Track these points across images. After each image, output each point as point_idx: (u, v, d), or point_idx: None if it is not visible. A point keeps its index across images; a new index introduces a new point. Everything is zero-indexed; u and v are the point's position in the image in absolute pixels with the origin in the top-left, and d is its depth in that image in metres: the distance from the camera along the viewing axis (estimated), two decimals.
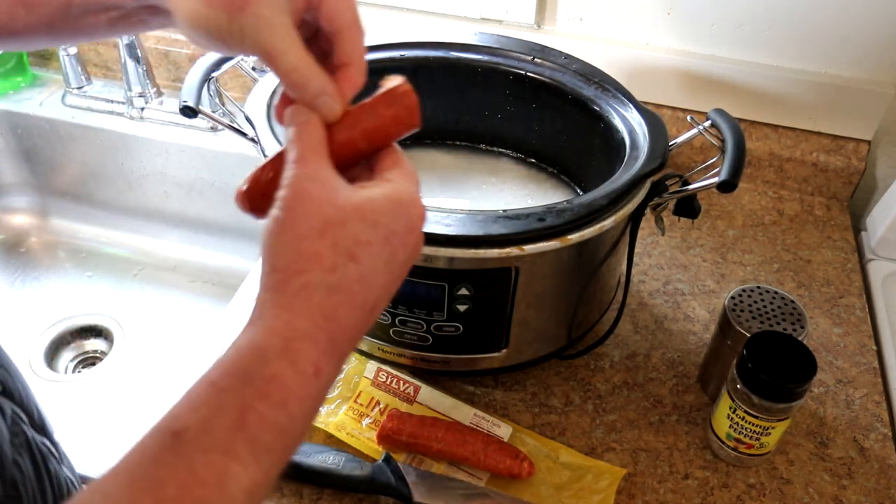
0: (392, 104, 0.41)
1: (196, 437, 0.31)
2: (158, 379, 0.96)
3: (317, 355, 0.34)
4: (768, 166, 0.98)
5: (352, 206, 0.37)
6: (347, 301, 0.36)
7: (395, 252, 0.37)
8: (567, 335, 0.72)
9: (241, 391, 0.32)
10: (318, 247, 0.35)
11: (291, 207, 0.36)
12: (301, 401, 0.34)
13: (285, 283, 0.35)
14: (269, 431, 0.32)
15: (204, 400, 0.33)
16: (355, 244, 0.36)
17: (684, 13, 0.92)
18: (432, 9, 1.00)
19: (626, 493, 0.66)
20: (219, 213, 1.11)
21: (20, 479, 0.41)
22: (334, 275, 0.35)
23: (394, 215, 0.38)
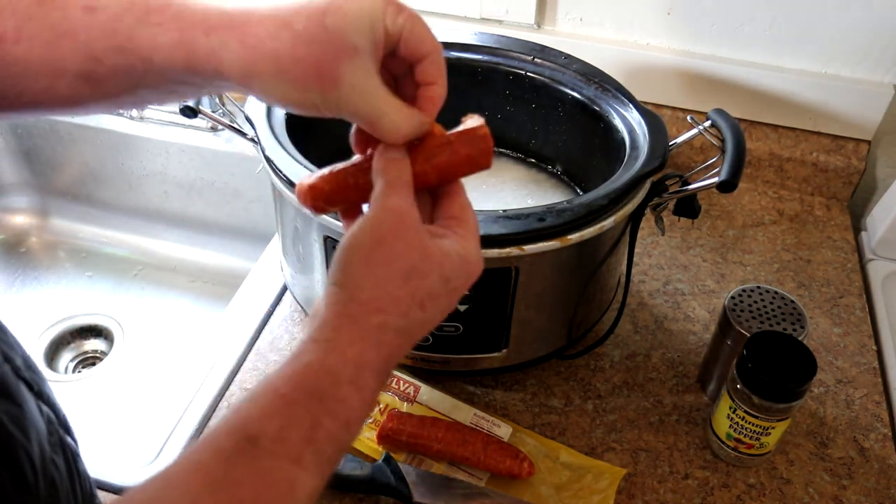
0: (469, 144, 0.44)
1: (271, 445, 0.34)
2: (158, 379, 0.96)
3: (375, 385, 0.38)
4: (768, 166, 0.98)
5: (436, 259, 0.40)
6: (408, 343, 0.40)
7: (451, 302, 0.41)
8: (567, 335, 0.72)
9: (312, 406, 0.36)
10: (400, 292, 0.39)
11: (386, 243, 0.39)
12: (358, 422, 0.38)
13: (365, 316, 0.38)
14: (332, 446, 0.36)
15: (276, 410, 0.35)
16: (429, 296, 0.39)
17: (684, 13, 0.92)
18: (432, 9, 1.00)
19: (626, 493, 0.66)
20: (219, 213, 1.11)
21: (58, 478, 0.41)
22: (405, 319, 0.39)
23: (461, 273, 0.41)
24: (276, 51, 0.38)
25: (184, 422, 0.69)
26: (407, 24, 0.41)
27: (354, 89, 0.39)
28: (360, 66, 0.39)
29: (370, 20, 0.39)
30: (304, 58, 0.38)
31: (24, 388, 0.41)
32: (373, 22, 0.39)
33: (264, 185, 1.03)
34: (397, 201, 0.40)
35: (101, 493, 0.62)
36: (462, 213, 0.43)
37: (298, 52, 0.38)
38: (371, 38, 0.39)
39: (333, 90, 0.38)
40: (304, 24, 0.38)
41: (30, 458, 0.38)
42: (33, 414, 0.41)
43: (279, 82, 0.38)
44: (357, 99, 0.39)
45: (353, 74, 0.38)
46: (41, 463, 0.39)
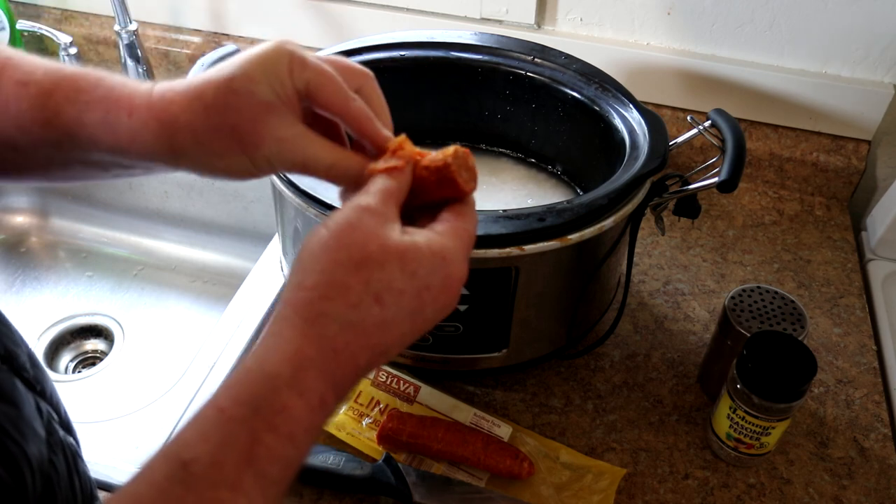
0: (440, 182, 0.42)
1: (205, 471, 0.31)
2: (158, 379, 0.96)
3: (323, 387, 0.34)
4: (768, 166, 0.98)
5: (397, 250, 0.36)
6: (360, 341, 0.35)
7: (423, 306, 0.37)
8: (567, 335, 0.72)
9: (251, 422, 0.32)
10: (349, 279, 0.35)
11: (339, 231, 0.37)
12: (306, 433, 0.34)
13: (307, 305, 0.35)
14: (277, 465, 0.33)
15: (213, 429, 0.32)
16: (387, 289, 0.36)
17: (684, 13, 0.92)
18: (432, 9, 1.00)
19: (626, 493, 0.66)
20: (219, 213, 1.11)
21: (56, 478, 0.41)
22: (355, 312, 0.35)
23: (433, 270, 0.37)
24: (191, 124, 0.38)
25: (184, 422, 0.68)
26: (312, 80, 0.40)
27: (280, 143, 0.39)
28: (278, 119, 0.39)
29: (275, 77, 0.39)
30: (219, 126, 0.38)
31: (22, 387, 0.41)
32: (278, 77, 0.39)
33: (264, 185, 1.03)
34: (366, 199, 0.38)
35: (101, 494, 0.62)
36: (455, 215, 0.41)
37: (212, 121, 0.38)
38: (280, 93, 0.39)
39: (257, 149, 0.39)
40: (213, 94, 0.38)
41: (27, 458, 0.38)
42: (31, 414, 0.41)
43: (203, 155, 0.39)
44: (285, 150, 0.39)
45: (274, 129, 0.39)
46: (38, 463, 0.39)
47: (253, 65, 0.39)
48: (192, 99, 0.38)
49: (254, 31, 1.09)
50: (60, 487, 0.42)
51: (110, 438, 0.70)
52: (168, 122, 0.38)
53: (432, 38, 0.82)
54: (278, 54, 0.39)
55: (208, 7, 1.08)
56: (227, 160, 0.39)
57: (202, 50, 1.11)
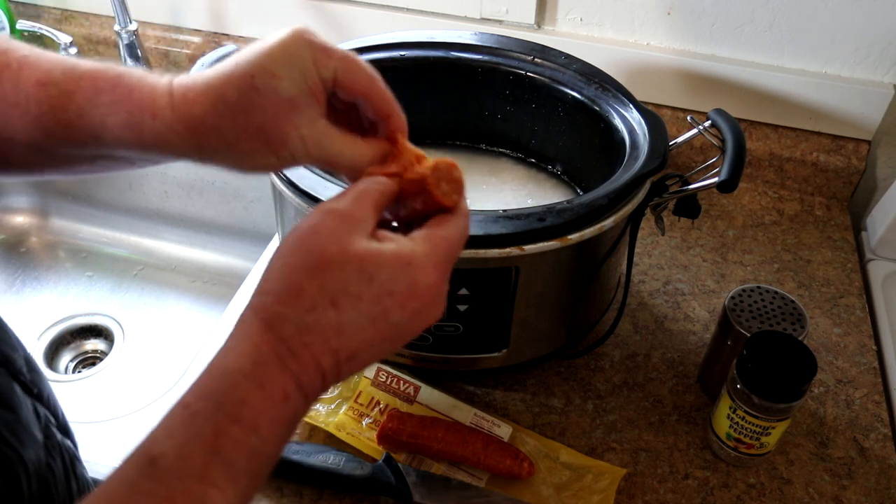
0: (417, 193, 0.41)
1: (173, 464, 0.32)
2: (158, 379, 0.96)
3: (285, 382, 0.34)
4: (768, 166, 0.98)
5: (355, 254, 0.36)
6: (319, 343, 0.35)
7: (386, 311, 0.36)
8: (567, 335, 0.72)
9: (214, 415, 0.33)
10: (304, 283, 0.35)
11: (301, 237, 0.37)
12: (271, 424, 0.34)
13: (263, 307, 0.36)
14: (243, 455, 0.33)
15: (178, 425, 0.33)
16: (342, 293, 0.35)
17: (684, 13, 0.92)
18: (432, 9, 1.00)
19: (626, 493, 0.66)
20: (219, 213, 1.11)
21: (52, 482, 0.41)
22: (311, 315, 0.35)
23: (394, 275, 0.36)
24: (218, 127, 0.38)
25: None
26: (339, 67, 0.40)
27: (304, 140, 0.39)
28: (302, 117, 0.39)
29: (299, 72, 0.38)
30: (245, 127, 0.38)
31: (19, 391, 0.41)
32: (303, 73, 0.38)
33: (264, 185, 1.03)
34: (336, 203, 0.38)
35: None
36: (435, 223, 0.40)
37: (238, 122, 0.38)
38: (305, 89, 0.39)
39: (284, 148, 0.39)
40: (236, 94, 0.38)
41: (23, 463, 0.38)
42: (29, 418, 0.41)
43: (231, 155, 0.39)
44: (310, 148, 0.39)
45: (299, 127, 0.38)
46: (35, 468, 0.39)
47: (274, 59, 0.38)
48: (214, 100, 0.38)
49: (254, 31, 1.09)
50: (57, 491, 0.42)
51: (110, 438, 0.70)
52: (194, 127, 0.38)
53: (432, 38, 0.82)
54: (299, 46, 0.39)
55: (208, 7, 1.08)
56: (254, 159, 0.39)
57: (202, 50, 1.11)
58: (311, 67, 0.39)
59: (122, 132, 0.39)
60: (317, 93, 0.39)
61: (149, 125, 0.38)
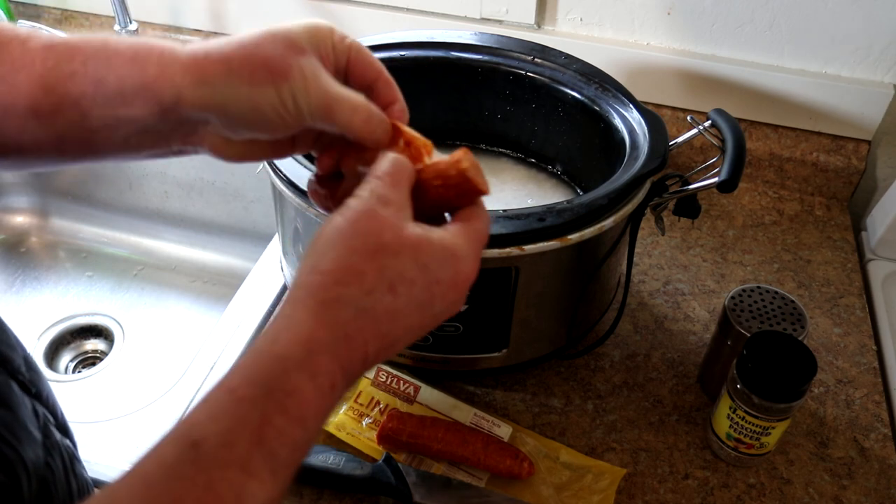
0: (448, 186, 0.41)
1: (215, 451, 0.31)
2: (158, 379, 0.96)
3: (334, 371, 0.34)
4: (768, 166, 0.98)
5: (410, 241, 0.37)
6: (372, 328, 0.36)
7: (432, 299, 0.38)
8: (567, 335, 0.72)
9: (261, 403, 0.32)
10: (365, 266, 0.36)
11: (356, 220, 0.37)
12: (316, 416, 0.34)
13: (321, 287, 0.35)
14: (287, 447, 0.32)
15: (223, 410, 0.32)
16: (399, 278, 0.36)
17: (684, 13, 0.92)
18: (432, 9, 1.00)
19: (626, 493, 0.66)
20: (219, 213, 1.11)
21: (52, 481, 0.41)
22: (369, 298, 0.35)
23: (443, 264, 0.38)
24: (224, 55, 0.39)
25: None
26: (353, 50, 0.42)
27: (306, 80, 0.39)
28: (308, 61, 0.40)
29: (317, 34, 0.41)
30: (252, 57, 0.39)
31: (17, 390, 0.41)
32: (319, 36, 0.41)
33: (264, 185, 1.03)
34: (380, 188, 0.38)
35: None
36: (467, 217, 0.41)
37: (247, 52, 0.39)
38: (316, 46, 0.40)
39: (285, 81, 0.39)
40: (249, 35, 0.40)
41: (23, 462, 0.38)
42: (27, 417, 0.41)
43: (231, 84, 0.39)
44: (310, 88, 0.39)
45: (303, 67, 0.39)
46: (34, 467, 0.39)
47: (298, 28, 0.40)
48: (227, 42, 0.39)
49: None
50: (57, 490, 0.42)
51: (110, 438, 0.70)
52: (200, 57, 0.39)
53: (432, 38, 0.82)
54: (321, 25, 0.41)
55: (208, 7, 1.08)
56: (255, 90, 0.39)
57: None
58: (328, 41, 0.41)
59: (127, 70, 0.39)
60: (327, 60, 0.41)
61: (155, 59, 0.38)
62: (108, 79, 0.39)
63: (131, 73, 0.38)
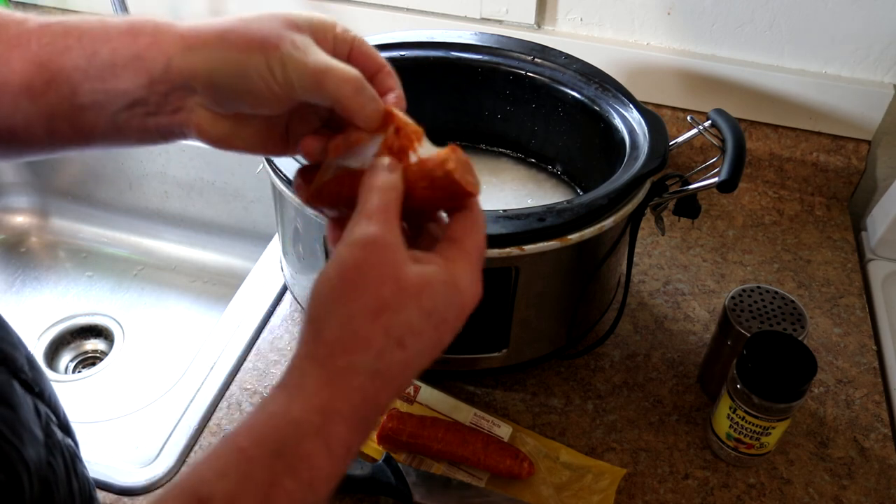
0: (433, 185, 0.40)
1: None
2: (158, 379, 0.96)
3: (349, 436, 0.34)
4: (768, 166, 0.98)
5: (412, 290, 0.36)
6: (387, 385, 0.35)
7: (441, 338, 0.37)
8: (567, 335, 0.72)
9: (271, 464, 0.32)
10: (369, 330, 0.35)
11: (351, 279, 0.35)
12: (327, 481, 0.34)
13: (330, 358, 0.35)
14: None
15: (232, 467, 0.32)
16: (407, 332, 0.35)
17: (684, 13, 0.92)
18: (432, 9, 1.00)
19: (626, 493, 0.66)
20: (219, 213, 1.11)
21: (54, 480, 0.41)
22: (381, 361, 0.35)
23: (448, 302, 0.37)
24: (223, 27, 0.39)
25: (184, 422, 0.69)
26: (356, 40, 0.42)
27: (297, 49, 0.39)
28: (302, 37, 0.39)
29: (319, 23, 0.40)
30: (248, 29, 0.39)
31: (20, 389, 0.41)
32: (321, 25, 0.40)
33: (264, 185, 1.03)
34: (371, 230, 0.36)
35: (101, 494, 0.62)
36: (463, 234, 0.39)
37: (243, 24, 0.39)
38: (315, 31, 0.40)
39: (276, 50, 0.38)
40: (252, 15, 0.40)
41: (24, 461, 0.38)
42: (29, 417, 0.41)
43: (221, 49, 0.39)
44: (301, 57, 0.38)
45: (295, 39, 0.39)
46: (36, 466, 0.39)
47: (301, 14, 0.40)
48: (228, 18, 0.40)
49: None
50: (58, 489, 0.42)
51: (110, 438, 0.70)
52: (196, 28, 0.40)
53: (432, 38, 0.82)
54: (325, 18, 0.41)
55: (208, 7, 1.08)
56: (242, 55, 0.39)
57: None
58: (329, 31, 0.41)
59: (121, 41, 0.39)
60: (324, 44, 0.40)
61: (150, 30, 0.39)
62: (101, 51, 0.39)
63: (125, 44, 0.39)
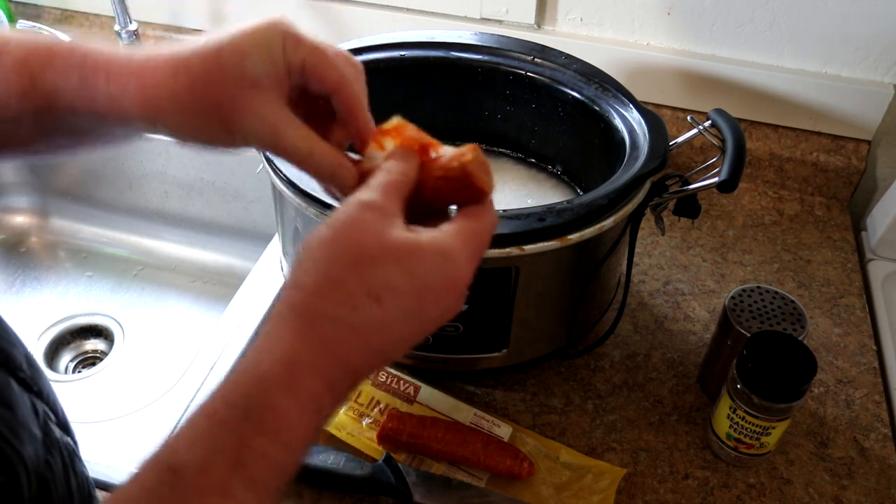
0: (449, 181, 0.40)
1: (194, 477, 0.30)
2: (158, 379, 0.96)
3: (320, 391, 0.33)
4: (768, 166, 0.98)
5: (395, 247, 0.35)
6: (360, 343, 0.34)
7: (424, 307, 0.35)
8: (567, 335, 0.72)
9: (241, 424, 0.32)
10: (346, 278, 0.34)
11: (338, 229, 0.35)
12: (300, 436, 0.33)
13: (303, 304, 0.34)
14: (269, 468, 0.32)
15: (202, 434, 0.32)
16: (385, 288, 0.34)
17: (684, 13, 0.92)
18: (432, 9, 1.00)
19: (626, 493, 0.66)
20: (219, 213, 1.11)
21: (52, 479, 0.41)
22: (354, 313, 0.34)
23: (434, 269, 0.35)
24: (175, 93, 0.38)
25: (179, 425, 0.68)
26: (308, 56, 0.40)
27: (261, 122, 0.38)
28: (262, 97, 0.38)
29: (268, 53, 0.38)
30: (202, 95, 0.38)
31: (18, 387, 0.41)
32: (271, 54, 0.38)
33: (264, 185, 1.03)
34: (369, 195, 0.36)
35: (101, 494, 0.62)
36: (466, 216, 0.39)
37: (197, 90, 0.38)
38: (270, 70, 0.38)
39: (237, 125, 0.38)
40: (200, 65, 0.38)
41: (22, 460, 0.38)
42: (27, 415, 0.41)
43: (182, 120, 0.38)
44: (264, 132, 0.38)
45: (257, 106, 0.38)
46: (34, 465, 0.39)
47: (245, 39, 0.38)
48: (177, 67, 0.38)
49: None
50: (56, 488, 0.42)
51: (110, 438, 0.70)
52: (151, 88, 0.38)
53: (432, 38, 0.82)
54: (272, 31, 0.39)
55: (208, 7, 1.08)
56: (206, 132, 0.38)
57: None
58: (279, 51, 0.39)
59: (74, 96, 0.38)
60: (281, 77, 0.39)
61: (103, 88, 0.38)
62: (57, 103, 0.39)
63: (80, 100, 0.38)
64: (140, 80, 0.38)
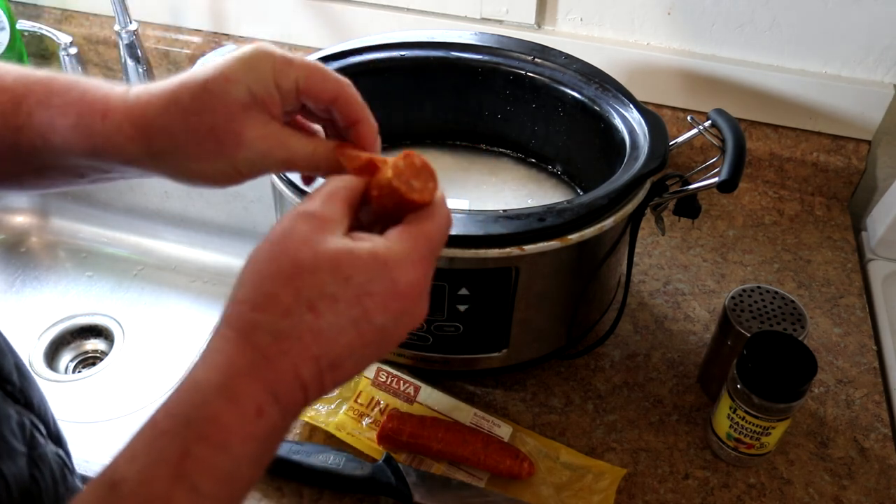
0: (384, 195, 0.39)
1: (134, 490, 0.30)
2: (159, 379, 0.96)
3: (258, 395, 0.33)
4: (768, 166, 0.98)
5: (328, 255, 0.34)
6: (297, 349, 0.33)
7: (367, 313, 0.34)
8: (567, 335, 0.72)
9: (181, 433, 0.31)
10: (279, 289, 0.34)
11: (274, 241, 0.36)
12: (244, 442, 0.32)
13: (240, 319, 0.34)
14: (211, 478, 0.31)
15: (143, 446, 0.31)
16: (319, 296, 0.34)
17: (684, 13, 0.92)
18: (432, 9, 1.00)
19: (626, 493, 0.66)
20: (219, 213, 1.11)
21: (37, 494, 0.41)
22: (286, 321, 0.33)
23: (372, 275, 0.35)
24: (168, 127, 0.38)
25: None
26: (301, 76, 0.40)
27: (261, 140, 0.38)
28: (254, 118, 0.38)
29: (254, 77, 0.38)
30: (196, 125, 0.38)
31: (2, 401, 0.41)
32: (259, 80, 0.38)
33: (264, 185, 1.02)
34: (308, 204, 0.36)
35: None
36: (413, 219, 0.38)
37: (190, 122, 0.38)
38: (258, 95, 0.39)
39: (239, 150, 0.38)
40: (188, 96, 0.38)
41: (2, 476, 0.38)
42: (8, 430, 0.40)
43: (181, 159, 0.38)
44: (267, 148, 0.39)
45: (252, 127, 0.38)
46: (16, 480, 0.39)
47: (232, 65, 0.39)
48: (168, 101, 0.38)
49: (254, 31, 1.09)
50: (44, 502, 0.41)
51: (110, 438, 0.70)
52: (144, 126, 0.38)
53: (432, 38, 0.82)
54: (259, 56, 0.39)
55: (208, 7, 1.08)
56: (206, 163, 0.39)
57: (202, 50, 1.11)
58: (268, 76, 0.39)
59: (70, 134, 0.38)
60: (270, 101, 0.39)
61: (98, 127, 0.38)
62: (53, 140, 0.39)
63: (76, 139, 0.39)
64: (133, 118, 0.38)
